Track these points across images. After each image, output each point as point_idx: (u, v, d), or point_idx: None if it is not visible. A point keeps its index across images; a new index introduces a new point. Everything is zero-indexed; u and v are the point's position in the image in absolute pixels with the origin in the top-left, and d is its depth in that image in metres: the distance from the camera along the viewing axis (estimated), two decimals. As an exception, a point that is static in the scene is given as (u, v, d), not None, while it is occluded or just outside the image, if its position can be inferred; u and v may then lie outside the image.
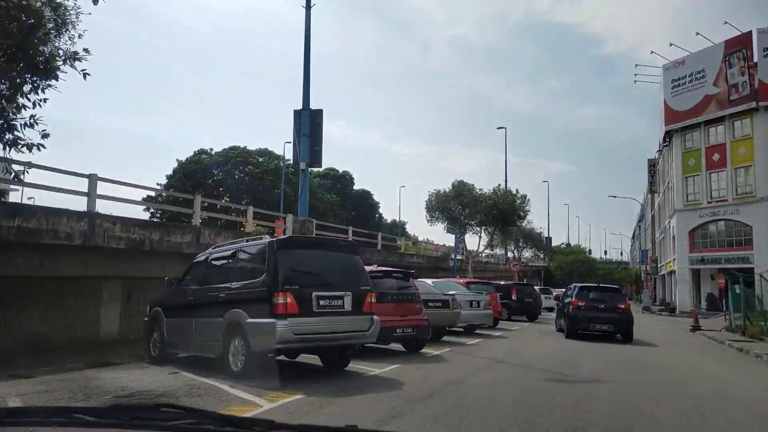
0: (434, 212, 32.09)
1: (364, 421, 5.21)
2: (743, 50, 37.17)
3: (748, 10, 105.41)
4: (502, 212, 31.25)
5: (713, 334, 19.54)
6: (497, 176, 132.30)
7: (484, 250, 35.79)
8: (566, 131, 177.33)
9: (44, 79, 9.03)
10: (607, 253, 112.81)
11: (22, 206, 10.96)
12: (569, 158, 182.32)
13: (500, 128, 51.71)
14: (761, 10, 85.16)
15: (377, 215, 79.64)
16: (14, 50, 8.44)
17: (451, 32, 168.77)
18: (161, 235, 12.36)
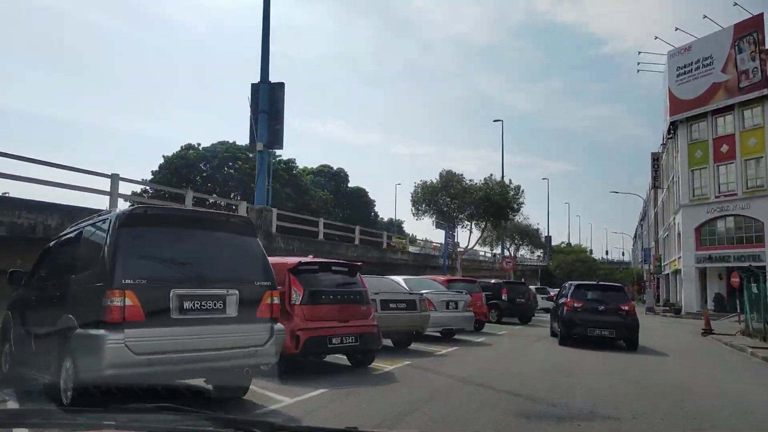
0: (420, 205, 29.51)
1: None
2: (754, 34, 34.69)
3: None
4: (493, 204, 28.59)
5: (729, 339, 17.17)
6: (497, 176, 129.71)
7: (474, 245, 33.19)
8: (567, 131, 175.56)
9: None
10: (608, 253, 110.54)
11: None
12: (570, 158, 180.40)
13: (497, 121, 49.54)
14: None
15: (372, 213, 77.75)
16: None
17: (451, 32, 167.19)
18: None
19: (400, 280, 14.23)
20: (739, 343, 15.63)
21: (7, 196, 12.15)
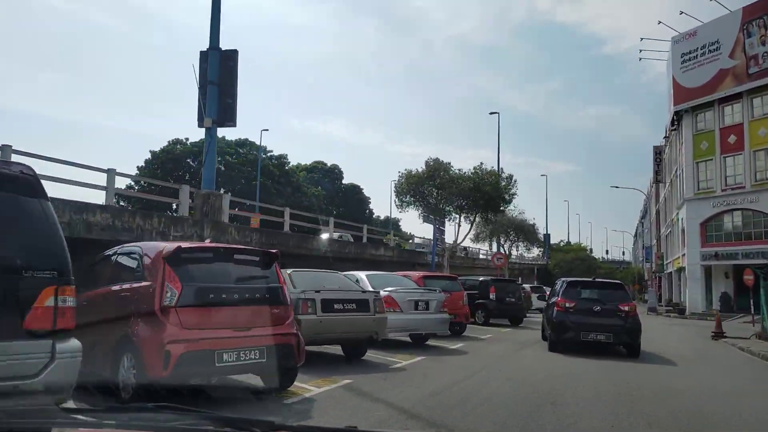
0: (404, 196, 27.23)
1: None
2: (764, 17, 32.53)
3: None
4: (484, 195, 26.27)
5: (744, 343, 15.05)
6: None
7: (463, 240, 30.96)
8: (567, 131, 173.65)
9: None
10: (608, 252, 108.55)
11: None
12: (570, 158, 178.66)
13: (493, 113, 47.56)
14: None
15: (368, 210, 75.79)
16: None
17: (452, 32, 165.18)
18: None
19: (361, 275, 12.14)
20: (758, 349, 13.47)
21: None
